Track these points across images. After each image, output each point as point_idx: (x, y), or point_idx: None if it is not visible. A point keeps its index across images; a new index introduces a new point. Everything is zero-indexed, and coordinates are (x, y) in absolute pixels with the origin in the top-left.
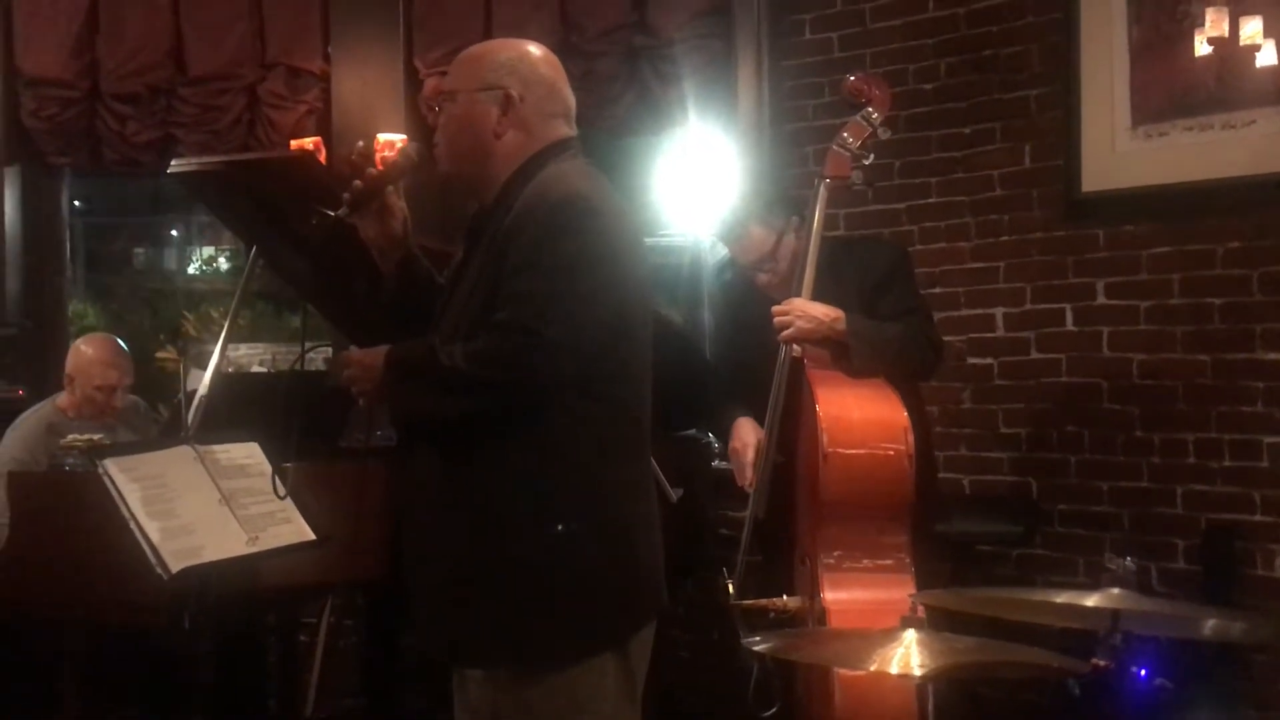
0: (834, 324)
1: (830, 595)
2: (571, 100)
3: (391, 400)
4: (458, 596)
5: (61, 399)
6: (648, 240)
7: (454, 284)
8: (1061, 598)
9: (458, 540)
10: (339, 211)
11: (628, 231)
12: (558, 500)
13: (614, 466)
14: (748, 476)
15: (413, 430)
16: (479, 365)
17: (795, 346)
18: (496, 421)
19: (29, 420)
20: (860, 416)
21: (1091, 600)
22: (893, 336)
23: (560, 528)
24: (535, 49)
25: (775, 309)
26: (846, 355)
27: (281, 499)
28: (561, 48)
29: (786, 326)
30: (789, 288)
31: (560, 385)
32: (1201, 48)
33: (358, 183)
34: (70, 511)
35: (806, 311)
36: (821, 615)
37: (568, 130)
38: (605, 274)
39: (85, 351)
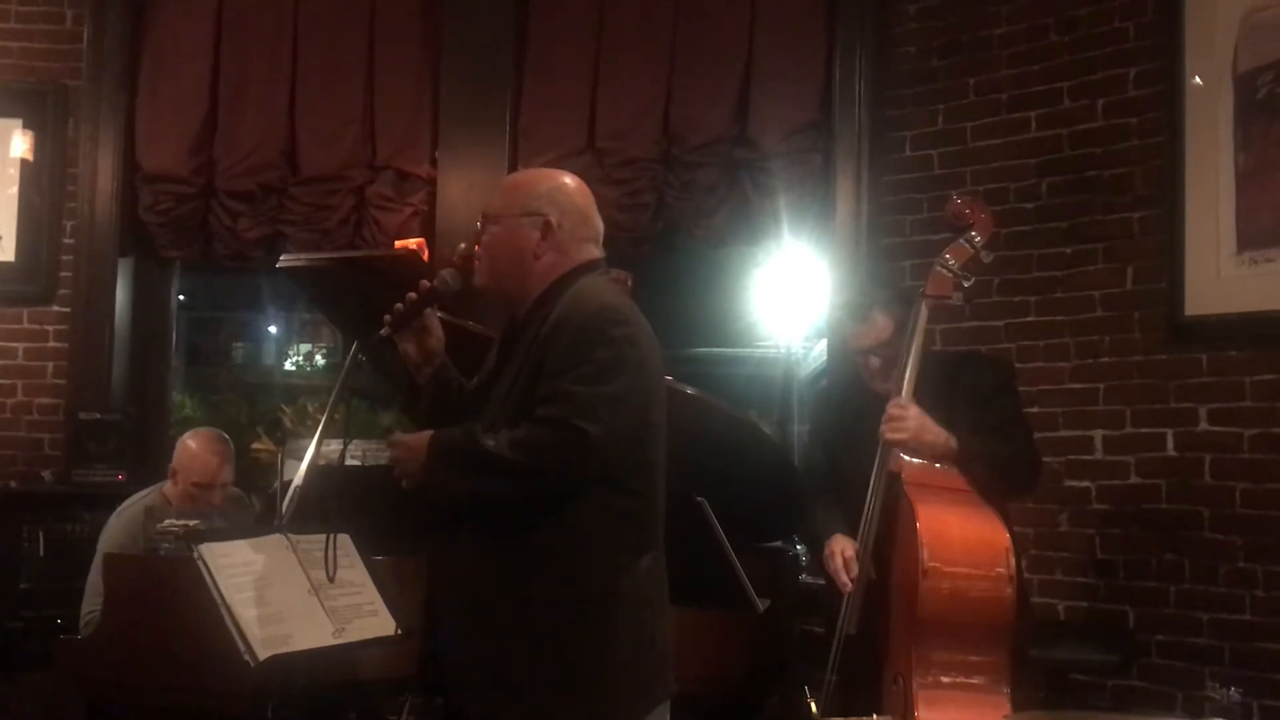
0: (946, 444)
1: (925, 715)
2: (600, 225)
3: (433, 480)
4: (491, 672)
5: (167, 487)
6: (740, 350)
7: (488, 385)
8: None
9: (490, 620)
10: (382, 331)
11: (649, 340)
12: (584, 584)
13: (636, 554)
14: (844, 579)
15: (448, 511)
16: (523, 453)
17: (894, 460)
18: (529, 507)
19: (133, 507)
20: (961, 534)
21: None
22: (999, 451)
23: (586, 609)
24: (570, 180)
25: (892, 408)
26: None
27: (330, 580)
28: (663, 159)
29: (898, 431)
30: (888, 380)
31: (593, 477)
32: None
33: (399, 305)
34: (163, 595)
35: (921, 433)
36: None
37: (596, 252)
38: (634, 378)
39: (190, 446)
